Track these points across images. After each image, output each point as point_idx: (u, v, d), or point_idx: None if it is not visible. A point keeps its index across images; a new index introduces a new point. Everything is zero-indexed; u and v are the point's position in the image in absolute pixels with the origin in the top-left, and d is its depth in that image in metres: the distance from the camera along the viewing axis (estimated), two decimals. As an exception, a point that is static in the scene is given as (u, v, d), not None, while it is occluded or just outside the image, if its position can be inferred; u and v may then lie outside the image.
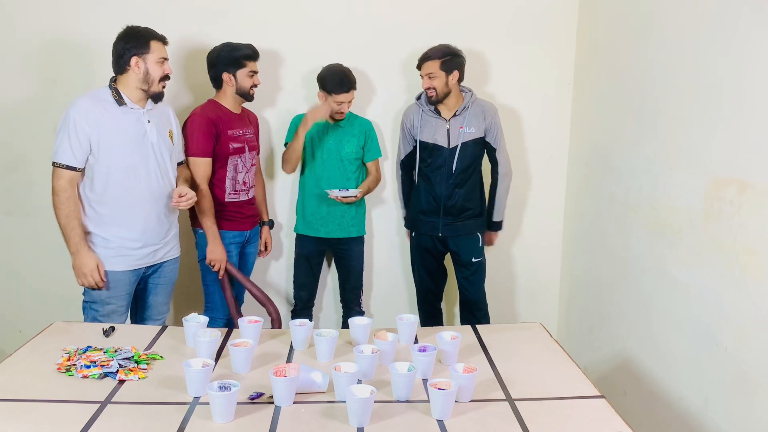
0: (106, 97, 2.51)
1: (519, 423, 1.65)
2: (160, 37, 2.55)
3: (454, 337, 1.99)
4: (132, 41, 2.50)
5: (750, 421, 2.05)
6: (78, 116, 2.43)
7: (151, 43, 2.51)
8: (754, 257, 2.02)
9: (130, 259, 2.56)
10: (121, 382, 1.84)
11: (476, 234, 3.19)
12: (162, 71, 2.54)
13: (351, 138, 3.17)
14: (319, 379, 1.78)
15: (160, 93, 2.57)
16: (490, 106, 3.14)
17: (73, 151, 2.43)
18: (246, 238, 3.06)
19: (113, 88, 2.53)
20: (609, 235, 3.02)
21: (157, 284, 2.71)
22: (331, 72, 3.06)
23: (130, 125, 2.51)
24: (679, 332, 2.41)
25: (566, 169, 3.53)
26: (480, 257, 3.21)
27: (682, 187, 2.40)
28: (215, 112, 2.89)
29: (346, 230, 3.21)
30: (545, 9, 3.36)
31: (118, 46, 2.51)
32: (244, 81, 2.91)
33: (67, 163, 2.43)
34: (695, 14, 2.35)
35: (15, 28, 3.16)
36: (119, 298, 2.56)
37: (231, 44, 2.92)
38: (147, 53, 2.50)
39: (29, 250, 3.32)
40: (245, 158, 2.97)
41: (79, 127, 2.42)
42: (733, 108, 2.13)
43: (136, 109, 2.53)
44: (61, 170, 2.44)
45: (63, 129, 2.44)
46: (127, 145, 2.50)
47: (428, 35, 3.15)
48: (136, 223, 2.55)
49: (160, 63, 2.53)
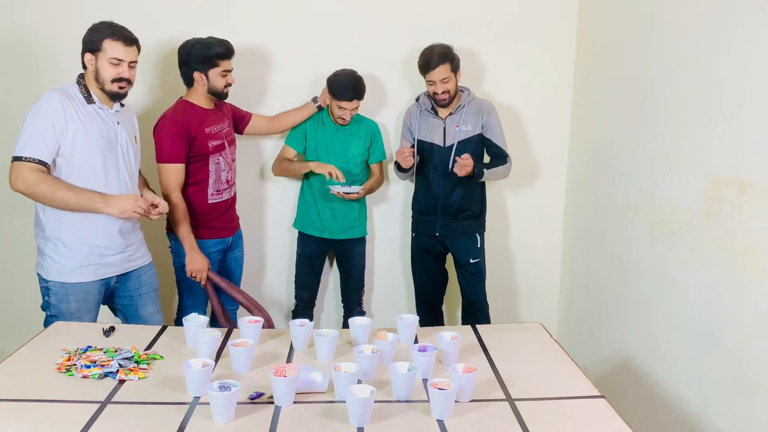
0: (76, 94, 2.39)
1: (519, 423, 1.65)
2: (122, 38, 2.38)
3: (454, 337, 1.99)
4: (87, 37, 2.40)
5: (750, 421, 2.05)
6: (51, 110, 2.30)
7: (105, 42, 2.36)
8: (754, 257, 2.02)
9: (99, 268, 2.43)
10: (121, 382, 1.83)
11: (474, 235, 3.18)
12: (115, 73, 2.38)
13: (357, 140, 3.17)
14: (319, 379, 1.78)
15: (116, 93, 2.41)
16: (487, 103, 3.14)
17: (44, 146, 2.27)
18: (228, 244, 2.96)
19: (82, 85, 2.42)
20: (609, 235, 3.02)
21: (141, 295, 2.59)
22: (342, 78, 3.02)
23: (102, 125, 2.40)
24: (679, 332, 2.41)
25: (566, 169, 3.53)
26: (478, 258, 3.20)
27: (682, 187, 2.40)
28: (186, 113, 2.77)
29: (349, 231, 3.21)
30: (545, 9, 3.37)
31: (82, 40, 2.42)
32: (216, 81, 2.78)
33: (38, 157, 2.26)
34: (695, 14, 2.35)
35: (15, 26, 3.16)
36: (89, 310, 2.43)
37: (203, 41, 2.78)
38: (99, 52, 2.37)
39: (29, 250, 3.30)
40: (226, 154, 2.87)
41: (55, 121, 2.29)
42: (733, 108, 2.13)
43: (105, 109, 2.43)
44: (28, 164, 2.25)
45: (33, 122, 2.29)
46: (99, 145, 2.38)
47: (429, 36, 3.15)
48: (105, 228, 2.42)
49: (114, 64, 2.37)
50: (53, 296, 2.41)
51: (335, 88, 3.01)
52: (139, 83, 2.96)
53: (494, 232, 3.54)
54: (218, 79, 2.79)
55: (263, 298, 3.43)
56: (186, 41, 2.81)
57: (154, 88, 3.22)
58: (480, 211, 3.19)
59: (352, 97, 3.01)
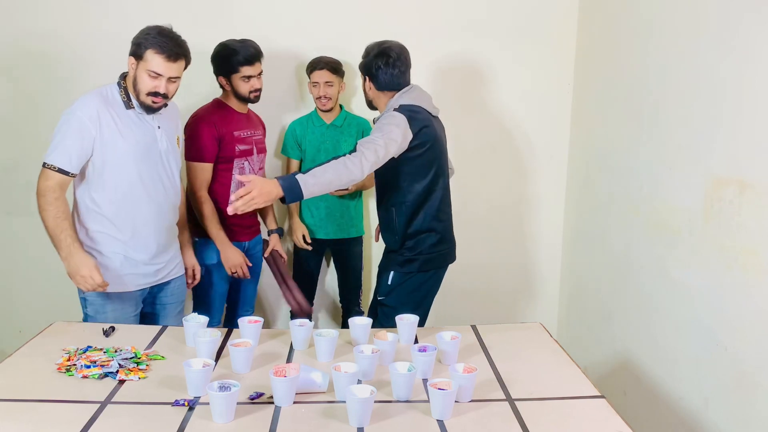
0: (115, 97, 2.29)
1: (519, 423, 1.65)
2: (166, 51, 2.23)
3: (454, 337, 1.99)
4: (135, 39, 2.27)
5: (750, 421, 2.05)
6: (85, 117, 2.21)
7: (148, 52, 2.23)
8: (754, 257, 2.02)
9: (135, 278, 2.37)
10: (121, 382, 1.83)
11: (385, 272, 2.60)
12: (152, 86, 2.26)
13: (348, 138, 3.16)
14: (319, 379, 1.78)
15: (148, 107, 2.30)
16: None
17: (70, 155, 2.20)
18: (245, 248, 2.89)
19: (122, 87, 2.30)
20: (609, 235, 3.02)
21: (165, 305, 2.52)
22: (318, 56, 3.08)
23: (139, 132, 2.30)
24: (679, 332, 2.41)
25: (566, 169, 3.53)
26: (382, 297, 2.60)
27: (682, 187, 2.40)
28: (219, 113, 2.76)
29: (345, 231, 3.21)
30: (545, 9, 3.36)
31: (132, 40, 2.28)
32: (239, 86, 2.74)
33: (60, 166, 2.20)
34: (695, 14, 2.35)
35: (13, 25, 3.16)
36: (127, 320, 2.36)
37: (226, 47, 2.73)
38: (141, 60, 2.25)
39: (29, 250, 3.32)
40: (253, 161, 2.83)
41: (84, 129, 2.20)
42: (733, 108, 2.13)
43: (144, 113, 2.33)
44: (51, 172, 2.20)
45: (64, 128, 2.21)
46: (136, 154, 2.29)
47: (428, 36, 3.15)
48: (143, 238, 2.35)
49: (152, 77, 2.25)
50: (90, 307, 2.35)
51: (309, 64, 3.07)
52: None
53: (494, 232, 3.54)
54: (241, 85, 2.74)
55: (261, 299, 3.43)
56: (218, 44, 2.78)
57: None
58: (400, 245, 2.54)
59: (323, 66, 3.01)
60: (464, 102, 3.43)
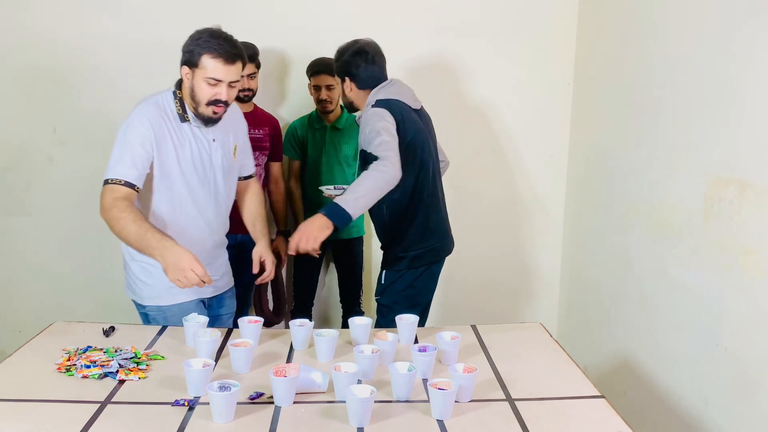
0: (171, 108, 2.15)
1: (519, 423, 1.65)
2: (223, 54, 2.05)
3: (454, 337, 1.99)
4: (186, 47, 2.10)
5: (750, 421, 2.05)
6: (144, 128, 2.07)
7: (203, 58, 2.06)
8: (754, 257, 2.02)
9: (189, 292, 2.20)
10: (121, 382, 1.83)
11: (380, 271, 2.62)
12: (212, 94, 2.09)
13: (350, 140, 3.16)
14: (319, 379, 1.78)
15: (209, 118, 2.15)
16: None
17: (136, 168, 2.05)
18: (236, 241, 2.75)
19: (178, 98, 2.16)
20: (609, 235, 3.02)
21: (219, 316, 2.41)
22: (317, 58, 3.07)
23: (195, 146, 2.17)
24: (679, 332, 2.41)
25: (566, 169, 3.53)
26: (378, 296, 2.62)
27: (682, 187, 2.40)
28: None
29: (346, 231, 3.21)
30: (545, 9, 3.37)
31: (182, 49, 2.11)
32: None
33: (125, 178, 2.04)
34: (695, 14, 2.35)
35: (15, 26, 3.16)
36: None
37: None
38: (196, 68, 2.08)
39: (29, 250, 3.32)
40: None
41: (146, 142, 2.07)
42: (733, 108, 2.13)
43: (200, 126, 2.18)
44: (117, 186, 2.03)
45: (123, 140, 2.07)
46: (188, 170, 2.16)
47: (428, 36, 3.15)
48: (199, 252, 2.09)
49: (212, 84, 2.08)
50: (153, 321, 2.27)
51: (309, 66, 3.06)
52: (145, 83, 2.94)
53: (494, 232, 3.54)
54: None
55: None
56: None
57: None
58: (391, 241, 2.57)
59: (323, 69, 3.01)
60: (464, 102, 3.43)
